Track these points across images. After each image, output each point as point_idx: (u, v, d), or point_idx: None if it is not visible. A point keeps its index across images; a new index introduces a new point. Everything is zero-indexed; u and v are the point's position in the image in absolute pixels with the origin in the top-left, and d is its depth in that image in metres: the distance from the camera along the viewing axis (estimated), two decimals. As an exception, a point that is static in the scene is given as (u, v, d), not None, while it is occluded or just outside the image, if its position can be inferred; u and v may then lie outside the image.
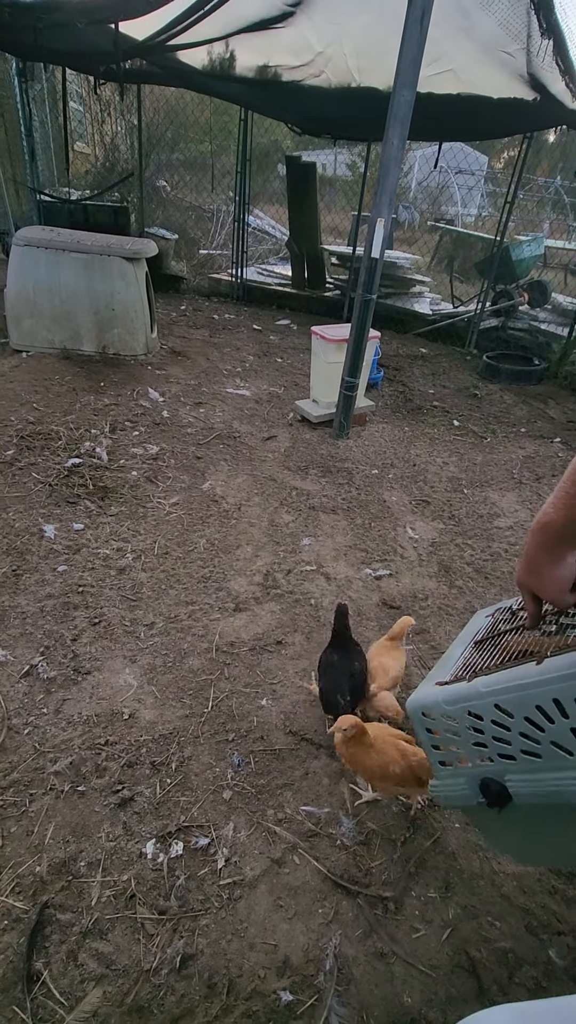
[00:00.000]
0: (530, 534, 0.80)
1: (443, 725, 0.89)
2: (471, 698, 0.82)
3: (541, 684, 0.73)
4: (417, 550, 2.61)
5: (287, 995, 1.16)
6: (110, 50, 3.85)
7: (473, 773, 0.88)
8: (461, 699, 0.84)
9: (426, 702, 0.90)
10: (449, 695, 0.86)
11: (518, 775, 0.81)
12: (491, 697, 0.79)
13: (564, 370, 4.93)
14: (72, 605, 2.06)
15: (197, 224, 8.35)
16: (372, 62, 3.92)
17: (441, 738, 0.91)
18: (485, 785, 0.85)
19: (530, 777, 0.80)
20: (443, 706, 0.87)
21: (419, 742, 0.96)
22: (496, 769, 0.84)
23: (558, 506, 0.74)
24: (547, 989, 1.23)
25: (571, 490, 0.72)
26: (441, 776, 0.95)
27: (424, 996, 1.19)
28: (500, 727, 0.80)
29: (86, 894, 1.28)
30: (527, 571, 0.82)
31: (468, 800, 0.90)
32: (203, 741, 1.65)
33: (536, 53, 3.35)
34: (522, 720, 0.77)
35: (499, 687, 0.79)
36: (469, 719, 0.84)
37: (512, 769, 0.82)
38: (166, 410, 3.60)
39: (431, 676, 0.98)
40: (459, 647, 1.03)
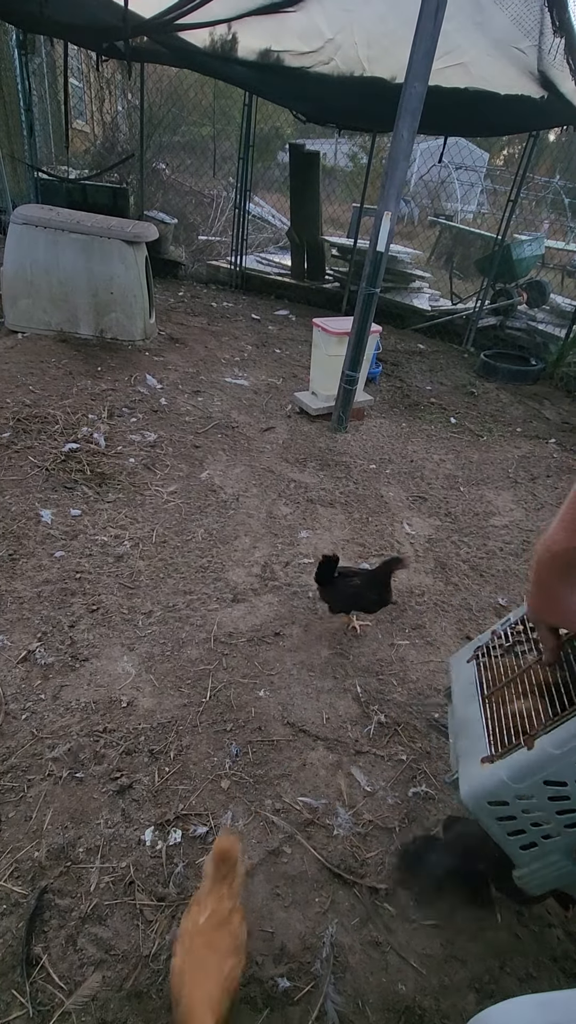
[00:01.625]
0: (539, 565, 0.77)
1: (518, 806, 0.78)
2: (545, 765, 0.74)
3: None
4: (414, 546, 2.63)
5: (284, 982, 1.17)
6: (116, 26, 3.77)
7: (566, 845, 0.79)
8: (532, 770, 0.75)
9: (490, 788, 0.78)
10: (514, 771, 0.76)
11: None
12: (571, 755, 0.72)
13: (560, 371, 4.97)
14: (70, 591, 2.05)
15: (196, 209, 8.24)
16: (383, 52, 3.88)
17: (519, 821, 0.80)
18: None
19: None
20: (511, 785, 0.76)
21: (491, 834, 0.84)
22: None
23: (571, 533, 0.71)
24: (536, 977, 1.26)
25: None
26: (526, 862, 0.85)
27: (417, 984, 1.21)
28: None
29: (85, 880, 1.29)
30: (544, 605, 0.78)
31: (569, 876, 0.82)
32: (201, 730, 1.66)
33: (548, 51, 3.34)
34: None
35: (573, 744, 0.71)
36: (549, 789, 0.75)
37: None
38: (164, 397, 3.57)
39: (464, 753, 0.87)
40: (469, 706, 0.93)
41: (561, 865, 0.80)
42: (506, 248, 5.60)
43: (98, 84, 8.89)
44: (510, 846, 0.83)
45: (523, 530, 2.83)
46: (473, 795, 0.80)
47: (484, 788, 0.79)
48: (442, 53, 2.89)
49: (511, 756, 0.78)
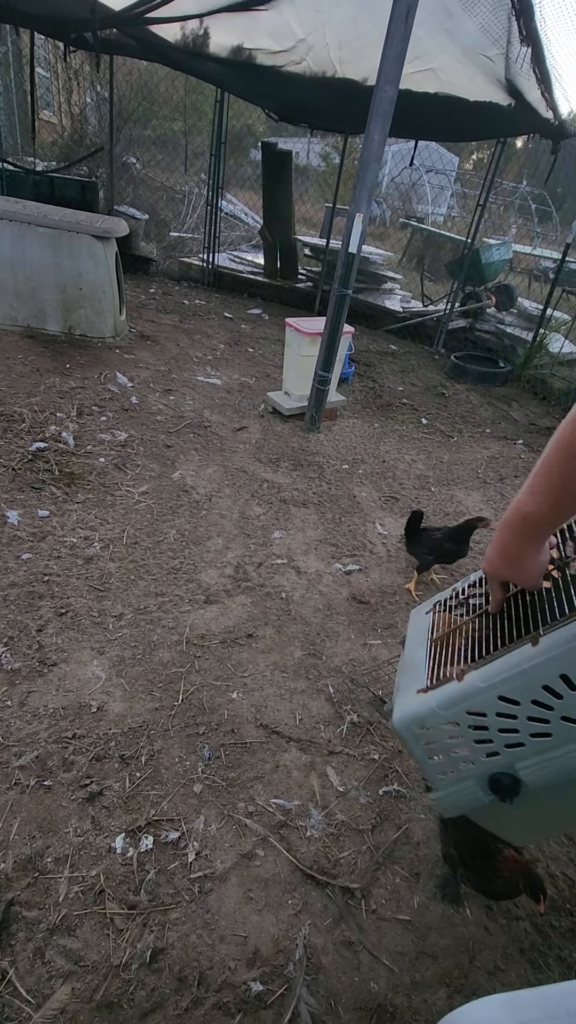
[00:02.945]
0: (507, 527, 0.79)
1: (442, 733, 0.85)
2: (470, 696, 0.79)
3: (545, 664, 0.72)
4: (386, 546, 2.65)
5: (257, 985, 1.17)
6: (85, 17, 3.69)
7: (480, 772, 0.85)
8: (458, 700, 0.81)
9: (419, 713, 0.85)
10: (443, 699, 0.82)
11: (529, 760, 0.79)
12: (493, 690, 0.77)
13: (528, 374, 5.08)
14: (37, 594, 2.00)
15: (168, 205, 8.14)
16: (354, 54, 3.90)
17: (439, 746, 0.87)
18: (496, 781, 0.82)
19: (543, 758, 0.78)
20: (440, 712, 0.82)
21: (411, 754, 0.91)
22: (504, 761, 0.81)
23: (538, 497, 0.74)
24: (504, 970, 1.28)
25: (553, 478, 0.72)
26: (443, 786, 0.90)
27: (390, 982, 1.22)
28: (506, 717, 0.78)
29: (53, 890, 1.26)
30: (505, 563, 0.82)
31: (478, 802, 0.87)
32: (173, 734, 1.64)
33: (515, 59, 3.40)
34: (529, 704, 0.75)
35: (500, 677, 0.76)
36: (471, 718, 0.81)
37: (522, 756, 0.80)
38: (135, 396, 3.52)
39: (403, 686, 0.94)
40: (418, 648, 0.99)
41: (473, 792, 0.86)
42: (475, 252, 5.70)
43: (66, 75, 8.70)
44: (430, 770, 0.90)
45: (492, 530, 2.88)
46: (403, 719, 0.87)
47: (414, 713, 0.85)
48: (412, 58, 2.92)
49: (443, 687, 0.84)
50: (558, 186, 10.02)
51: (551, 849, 1.53)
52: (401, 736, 0.89)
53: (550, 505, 0.73)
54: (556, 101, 3.77)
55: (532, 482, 0.75)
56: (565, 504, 0.73)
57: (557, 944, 1.33)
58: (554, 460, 0.71)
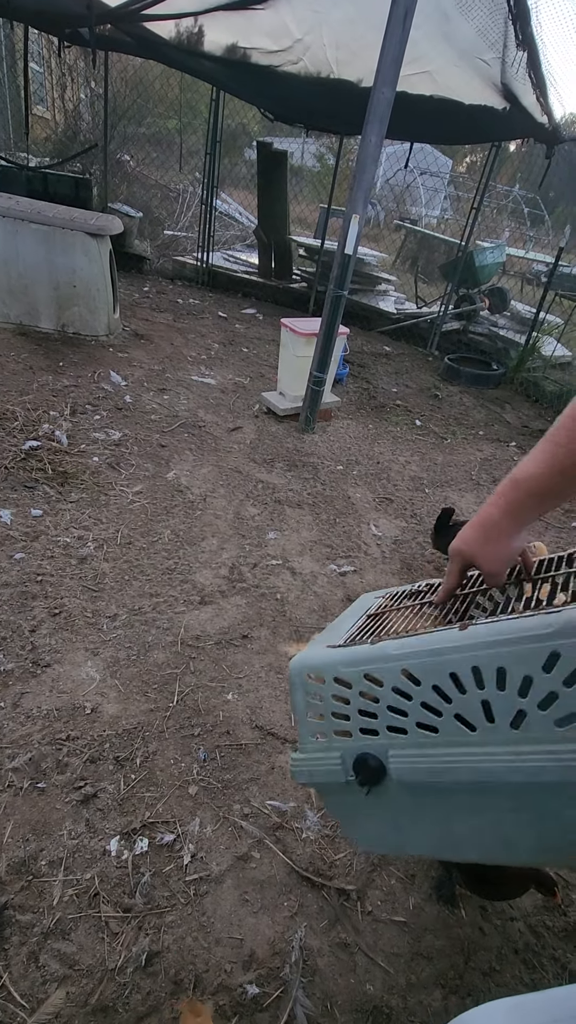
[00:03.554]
0: (495, 495, 0.72)
1: (331, 690, 0.79)
2: (375, 660, 0.75)
3: (463, 650, 0.67)
4: (380, 547, 2.66)
5: (253, 988, 1.17)
6: (81, 13, 3.66)
7: (350, 747, 0.80)
8: (362, 661, 0.76)
9: (317, 662, 0.81)
10: (348, 657, 0.78)
11: (405, 751, 0.75)
12: (400, 660, 0.72)
13: (520, 376, 5.11)
14: (30, 595, 1.98)
15: (162, 203, 8.12)
16: (351, 55, 3.90)
17: (323, 705, 0.82)
18: (362, 760, 0.77)
19: (419, 753, 0.74)
20: (339, 668, 0.78)
21: (293, 707, 0.86)
22: (379, 743, 0.77)
23: (538, 459, 0.66)
24: (499, 971, 1.29)
25: (557, 437, 0.65)
26: (308, 749, 0.85)
27: (385, 984, 1.22)
28: (401, 695, 0.73)
29: (47, 894, 1.25)
30: (478, 539, 0.73)
31: (335, 777, 0.82)
32: (168, 736, 1.63)
33: (511, 63, 3.42)
34: (429, 689, 0.70)
35: (412, 650, 0.71)
36: (365, 684, 0.76)
37: (399, 744, 0.75)
38: (129, 395, 3.50)
39: (318, 640, 0.89)
40: (349, 619, 0.95)
41: (335, 766, 0.82)
42: (469, 254, 5.73)
43: (60, 70, 8.65)
44: (304, 728, 0.85)
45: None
46: (300, 663, 0.83)
47: (312, 661, 0.82)
48: (409, 60, 2.92)
49: (353, 647, 0.79)
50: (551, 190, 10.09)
51: (545, 850, 1.53)
52: (291, 681, 0.84)
53: (552, 466, 0.65)
54: (551, 106, 3.80)
55: (537, 449, 0.68)
56: (566, 464, 0.64)
57: (551, 944, 1.34)
58: (566, 418, 0.64)
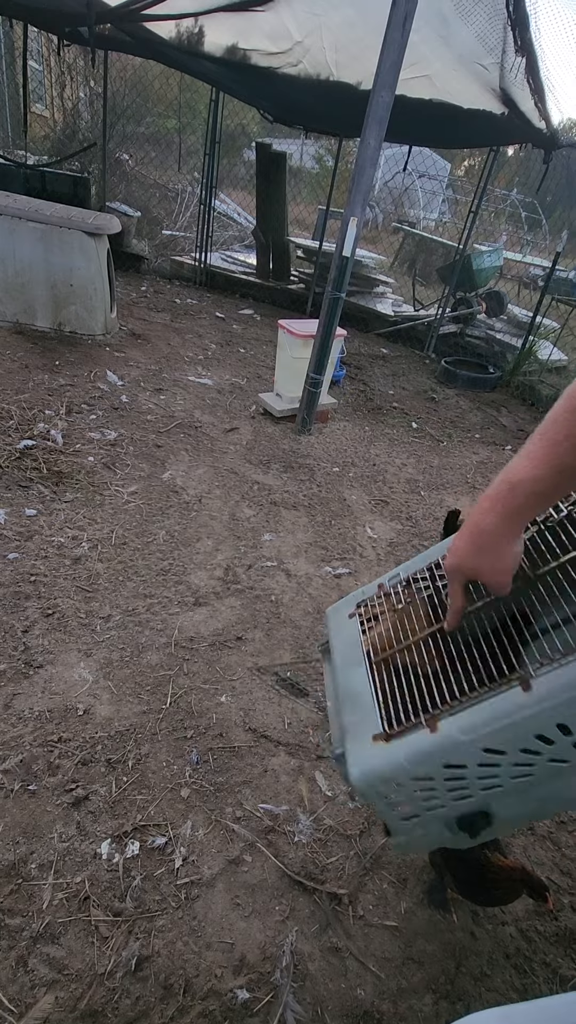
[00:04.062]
0: (488, 500, 0.66)
1: (412, 787, 0.74)
2: (448, 750, 0.69)
3: (540, 714, 0.63)
4: (376, 550, 2.66)
5: (243, 993, 1.16)
6: (80, 11, 3.65)
7: (448, 815, 0.77)
8: (433, 755, 0.70)
9: (386, 771, 0.73)
10: (414, 753, 0.71)
11: (506, 799, 0.73)
12: (477, 743, 0.68)
13: (517, 380, 5.12)
14: (23, 595, 1.97)
15: (160, 203, 8.10)
16: (351, 58, 3.91)
17: (407, 799, 0.77)
18: (467, 820, 0.76)
19: (520, 796, 0.72)
20: (410, 769, 0.72)
21: (377, 811, 0.80)
22: (476, 802, 0.74)
23: (536, 460, 0.61)
24: (490, 976, 1.29)
25: (555, 435, 0.60)
26: (405, 831, 0.81)
27: (376, 989, 1.22)
28: (489, 766, 0.70)
29: (37, 897, 1.24)
30: (475, 550, 0.68)
31: (443, 841, 0.81)
32: (161, 738, 1.62)
33: (509, 69, 3.43)
34: (517, 752, 0.67)
35: (485, 730, 0.66)
36: (448, 771, 0.71)
37: (499, 796, 0.73)
38: (125, 395, 3.49)
39: (351, 727, 0.80)
40: (354, 672, 0.86)
41: (440, 832, 0.79)
42: (467, 258, 5.74)
43: (59, 69, 8.63)
44: (391, 819, 0.80)
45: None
46: (366, 778, 0.74)
47: (379, 771, 0.73)
48: (408, 64, 2.92)
49: (410, 737, 0.72)
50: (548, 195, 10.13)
51: (537, 855, 1.53)
52: (360, 792, 0.77)
53: (552, 467, 0.60)
54: (549, 111, 3.81)
55: (528, 447, 0.63)
56: (568, 464, 0.59)
57: (542, 949, 1.34)
58: (560, 413, 0.60)
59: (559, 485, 0.61)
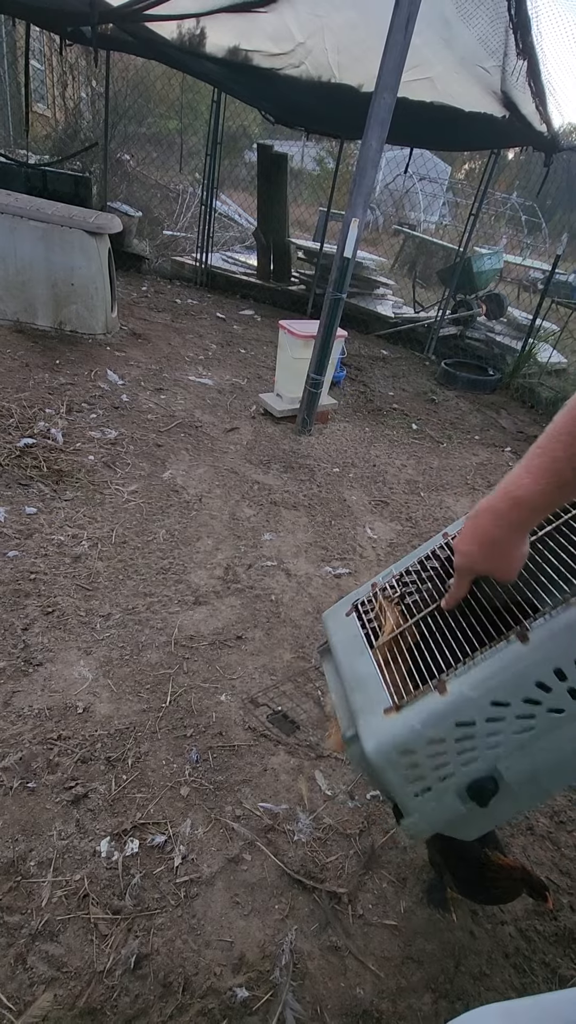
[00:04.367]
0: (491, 514, 0.72)
1: (425, 752, 0.75)
2: (460, 708, 0.72)
3: (540, 660, 0.68)
4: (376, 550, 2.66)
5: (243, 991, 1.16)
6: (83, 11, 3.66)
7: (459, 782, 0.77)
8: (446, 714, 0.73)
9: (402, 737, 0.74)
10: (427, 716, 0.73)
11: (511, 757, 0.74)
12: (486, 696, 0.71)
13: (516, 382, 5.13)
14: (23, 593, 1.97)
15: (161, 203, 8.11)
16: (353, 60, 3.92)
17: (422, 767, 0.76)
18: (477, 787, 0.76)
19: (525, 752, 0.74)
20: (425, 731, 0.73)
21: (391, 788, 0.78)
22: (483, 765, 0.75)
23: (537, 475, 0.65)
24: (489, 975, 1.29)
25: (556, 452, 0.63)
26: (415, 808, 0.79)
27: (375, 987, 1.22)
28: (495, 721, 0.72)
29: (36, 895, 1.24)
30: (487, 555, 0.74)
31: (455, 813, 0.80)
32: (160, 736, 1.62)
33: (511, 72, 3.44)
34: (520, 703, 0.70)
35: (493, 682, 0.70)
36: (459, 730, 0.73)
37: (503, 754, 0.74)
38: (126, 394, 3.49)
39: (360, 707, 0.81)
40: (358, 659, 0.88)
41: (452, 804, 0.78)
42: (467, 260, 5.75)
43: (61, 68, 8.64)
44: (405, 795, 0.79)
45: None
46: (383, 747, 0.75)
47: (395, 739, 0.74)
48: (410, 66, 2.93)
49: (421, 702, 0.74)
50: (548, 198, 10.16)
51: (536, 854, 1.54)
52: (376, 768, 0.76)
53: (553, 482, 0.64)
54: (550, 115, 3.82)
55: (530, 462, 0.66)
56: (569, 479, 0.63)
57: (541, 949, 1.34)
58: (562, 427, 0.62)
59: (560, 498, 0.66)
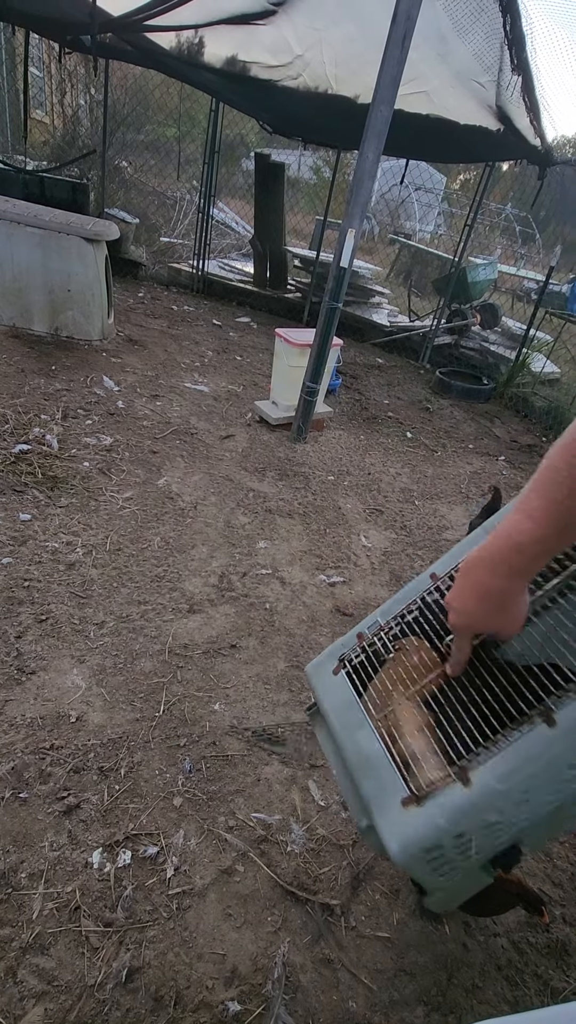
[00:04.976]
0: (486, 566, 0.67)
1: (454, 845, 0.70)
2: (487, 802, 0.67)
3: (570, 747, 0.63)
4: (370, 558, 2.67)
5: (235, 1005, 1.15)
6: (83, 20, 3.69)
7: (484, 860, 0.74)
8: (470, 811, 0.68)
9: (426, 838, 0.69)
10: (450, 813, 0.68)
11: (536, 832, 0.71)
12: (515, 788, 0.66)
13: (510, 392, 5.17)
14: (17, 600, 1.96)
15: (159, 210, 8.15)
16: (350, 73, 3.96)
17: (448, 859, 0.72)
18: (501, 858, 0.73)
19: (547, 826, 0.71)
20: (451, 829, 0.68)
21: (415, 876, 0.76)
22: (508, 839, 0.71)
23: (539, 519, 0.61)
24: (481, 987, 1.29)
25: (556, 493, 0.60)
26: (442, 885, 0.76)
27: (368, 1001, 1.22)
28: (523, 804, 0.67)
29: (27, 907, 1.23)
30: (487, 610, 0.69)
31: (481, 885, 0.79)
32: (154, 746, 1.62)
33: (506, 87, 3.49)
34: (551, 787, 0.66)
35: (522, 775, 0.65)
36: (487, 819, 0.68)
37: (527, 829, 0.70)
38: (121, 400, 3.49)
39: (375, 795, 0.76)
40: (358, 735, 0.81)
41: (477, 878, 0.76)
42: (462, 270, 5.80)
43: (60, 75, 8.68)
44: (428, 879, 0.75)
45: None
46: (408, 851, 0.70)
47: (420, 840, 0.69)
48: (407, 80, 2.97)
49: (444, 795, 0.68)
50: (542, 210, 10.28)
51: (529, 866, 1.54)
52: (403, 865, 0.72)
53: (558, 525, 0.60)
54: (544, 129, 3.88)
55: (528, 503, 0.62)
56: (571, 523, 0.60)
57: (534, 961, 1.34)
58: (562, 463, 0.59)
59: (562, 542, 0.62)
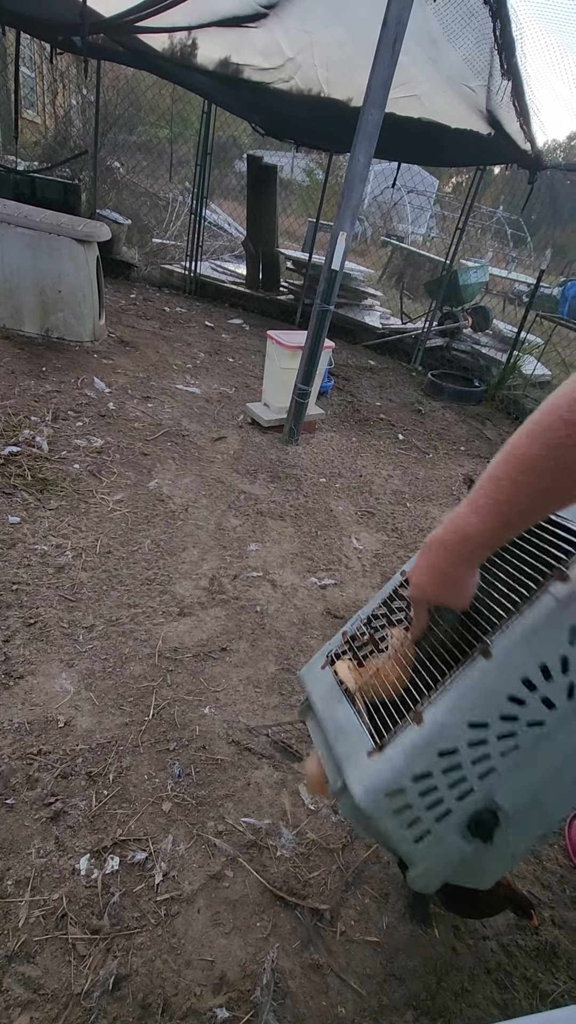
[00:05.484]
0: (442, 548, 0.75)
1: (415, 790, 0.72)
2: (439, 735, 0.70)
3: (505, 671, 0.68)
4: (361, 560, 2.67)
5: (223, 1012, 1.14)
6: (74, 21, 3.68)
7: (458, 820, 0.74)
8: (427, 744, 0.70)
9: (388, 777, 0.72)
10: (408, 750, 0.71)
11: (505, 783, 0.72)
12: (462, 719, 0.70)
13: (501, 394, 5.20)
14: (5, 604, 1.94)
15: (151, 211, 8.13)
16: (341, 76, 3.97)
17: (415, 808, 0.73)
18: (477, 822, 0.73)
19: (517, 776, 0.72)
20: (410, 767, 0.71)
21: (389, 838, 0.76)
22: (480, 796, 0.73)
23: (485, 516, 0.68)
24: (471, 991, 1.28)
25: (498, 495, 0.66)
26: (421, 854, 0.76)
27: (357, 1006, 1.21)
28: (477, 744, 0.71)
29: (13, 915, 1.21)
30: (440, 587, 0.78)
31: (463, 855, 0.78)
32: (143, 750, 1.60)
33: (496, 92, 3.51)
34: (497, 720, 0.69)
35: (464, 703, 0.69)
36: (443, 760, 0.71)
37: (496, 782, 0.72)
38: (112, 402, 3.47)
39: (346, 755, 0.80)
40: (336, 709, 0.87)
41: (457, 846, 0.76)
42: (454, 273, 5.83)
43: (51, 76, 8.65)
44: (404, 843, 0.76)
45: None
46: (372, 791, 0.72)
47: (382, 779, 0.72)
48: (398, 83, 2.98)
49: (401, 738, 0.73)
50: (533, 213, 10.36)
51: (518, 868, 1.54)
52: (369, 815, 0.73)
53: (499, 523, 0.68)
54: (534, 134, 3.90)
55: (477, 500, 0.69)
56: (513, 522, 0.68)
57: (523, 964, 1.34)
58: (503, 473, 0.65)
59: (507, 535, 0.71)
